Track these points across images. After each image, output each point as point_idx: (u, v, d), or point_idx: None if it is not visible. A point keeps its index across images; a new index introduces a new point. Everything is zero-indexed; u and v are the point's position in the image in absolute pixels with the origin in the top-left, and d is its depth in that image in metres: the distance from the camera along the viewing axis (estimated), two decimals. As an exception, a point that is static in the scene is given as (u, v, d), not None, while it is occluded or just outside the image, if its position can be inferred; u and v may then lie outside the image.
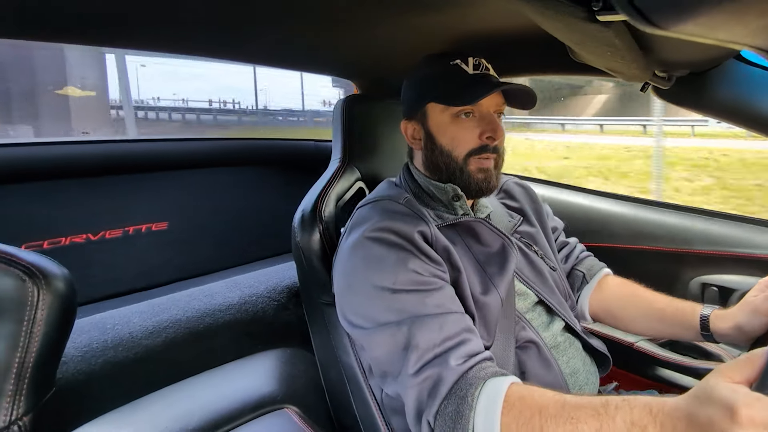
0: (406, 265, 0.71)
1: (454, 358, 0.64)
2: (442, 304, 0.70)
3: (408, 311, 0.68)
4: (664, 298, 0.94)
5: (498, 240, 0.85)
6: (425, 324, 0.67)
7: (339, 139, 1.06)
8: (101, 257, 1.29)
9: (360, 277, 0.74)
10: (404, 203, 0.82)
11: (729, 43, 0.39)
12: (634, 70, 0.73)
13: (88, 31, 0.86)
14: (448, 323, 0.68)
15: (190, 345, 1.09)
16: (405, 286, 0.70)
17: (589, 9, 0.43)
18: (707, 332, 0.85)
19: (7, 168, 1.16)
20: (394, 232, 0.75)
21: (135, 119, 9.97)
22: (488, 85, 0.80)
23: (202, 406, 0.91)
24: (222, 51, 1.10)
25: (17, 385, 0.60)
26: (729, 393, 0.44)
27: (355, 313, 0.75)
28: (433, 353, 0.65)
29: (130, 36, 0.91)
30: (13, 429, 0.61)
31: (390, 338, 0.68)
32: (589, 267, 1.05)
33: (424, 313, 0.68)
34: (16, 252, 0.61)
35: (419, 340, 0.66)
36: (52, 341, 0.63)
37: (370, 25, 0.92)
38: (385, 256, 0.73)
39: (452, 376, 0.63)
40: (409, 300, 0.69)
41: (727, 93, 0.83)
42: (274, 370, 1.07)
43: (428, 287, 0.71)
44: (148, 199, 1.42)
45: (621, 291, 1.00)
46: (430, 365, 0.65)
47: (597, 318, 1.03)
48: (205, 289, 1.27)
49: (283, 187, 1.76)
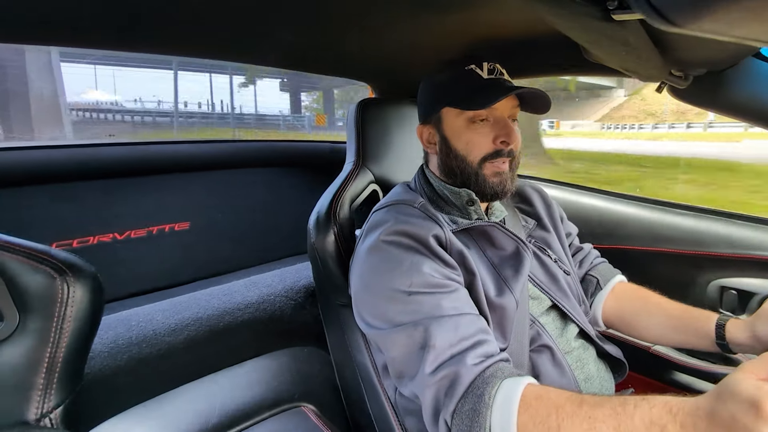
0: (420, 268, 0.72)
1: (470, 358, 0.64)
2: (458, 306, 0.70)
3: (424, 312, 0.69)
4: (679, 305, 0.92)
5: (512, 243, 0.85)
6: (441, 324, 0.67)
7: (353, 142, 1.07)
8: (127, 256, 1.32)
9: (376, 280, 0.75)
10: (419, 207, 0.83)
11: (747, 41, 0.38)
12: (650, 70, 0.73)
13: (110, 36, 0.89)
14: (464, 324, 0.68)
15: (210, 342, 1.12)
16: (420, 288, 0.70)
17: (605, 8, 0.43)
18: (723, 341, 0.83)
19: (39, 170, 1.20)
20: (409, 236, 0.76)
21: (70, 121, 11.64)
22: (502, 90, 0.80)
23: (222, 402, 0.93)
24: (235, 53, 1.13)
25: (48, 379, 0.62)
26: (753, 389, 0.44)
27: (371, 314, 0.76)
28: (450, 353, 0.65)
29: (145, 39, 0.94)
30: (45, 422, 0.63)
31: (407, 338, 0.69)
32: (603, 273, 1.04)
33: (440, 314, 0.68)
34: (48, 250, 0.63)
35: (436, 340, 0.66)
36: (81, 337, 0.65)
37: (386, 28, 0.93)
38: (401, 259, 0.74)
39: (469, 375, 0.63)
40: (425, 301, 0.70)
41: (746, 92, 0.81)
42: (291, 368, 1.08)
43: (443, 289, 0.71)
44: (171, 199, 1.45)
45: (635, 298, 0.99)
46: (447, 364, 0.65)
47: (610, 325, 1.02)
48: (225, 288, 1.29)
49: (300, 188, 1.78)
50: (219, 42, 1.00)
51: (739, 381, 0.46)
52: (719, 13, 0.30)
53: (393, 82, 1.39)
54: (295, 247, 1.74)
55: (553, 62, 1.14)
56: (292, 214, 1.66)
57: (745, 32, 0.36)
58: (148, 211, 1.38)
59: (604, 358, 0.91)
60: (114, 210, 1.31)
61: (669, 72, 0.80)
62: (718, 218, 1.23)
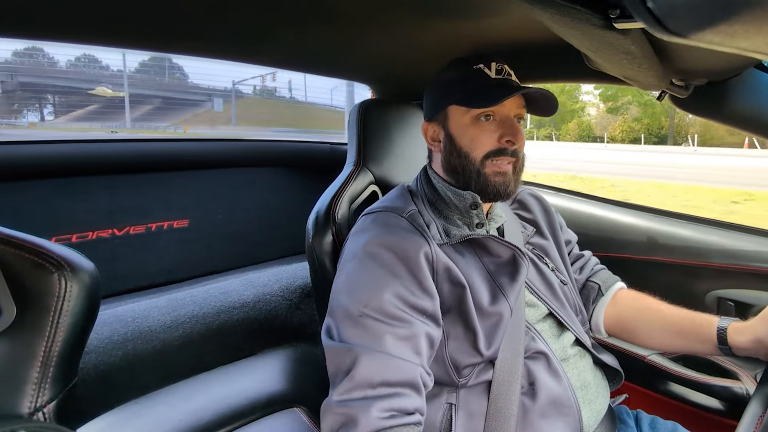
0: (383, 291, 0.71)
1: (377, 409, 0.63)
2: (399, 346, 0.69)
3: (363, 340, 0.68)
4: (680, 311, 0.92)
5: (509, 250, 0.85)
6: (372, 359, 0.66)
7: (354, 143, 1.07)
8: (125, 252, 1.32)
9: (342, 289, 0.75)
10: (407, 217, 0.82)
11: (750, 53, 0.38)
12: (650, 79, 0.73)
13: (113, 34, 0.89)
14: (393, 367, 0.67)
15: (205, 340, 1.11)
16: (373, 313, 0.70)
17: (606, 17, 0.43)
18: (725, 346, 0.82)
19: (41, 164, 1.20)
20: (392, 251, 0.75)
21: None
22: (510, 89, 0.80)
23: (216, 401, 0.93)
24: (241, 54, 1.13)
25: (42, 373, 0.62)
26: None
27: (329, 319, 0.75)
28: (363, 393, 0.65)
29: (147, 37, 0.94)
30: (38, 416, 0.63)
31: (337, 357, 0.69)
32: (604, 280, 1.03)
33: (376, 348, 0.67)
34: (47, 244, 0.63)
35: (357, 372, 0.65)
36: (77, 332, 0.65)
37: (389, 31, 0.94)
38: (371, 276, 0.73)
39: (366, 427, 0.62)
40: (370, 328, 0.69)
41: (747, 103, 0.82)
42: (285, 369, 1.08)
43: (395, 322, 0.70)
44: (171, 197, 1.45)
45: (635, 305, 0.98)
46: (353, 403, 0.64)
47: (611, 332, 1.01)
48: (222, 287, 1.29)
49: (300, 188, 1.78)
50: (221, 42, 1.00)
51: None
52: (722, 25, 0.30)
53: (395, 85, 1.39)
54: (293, 247, 1.74)
55: (556, 69, 1.14)
56: (292, 214, 1.66)
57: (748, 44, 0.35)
58: (148, 207, 1.38)
59: (600, 366, 0.91)
60: (114, 206, 1.31)
61: (670, 81, 0.80)
62: (716, 229, 1.23)
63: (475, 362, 0.77)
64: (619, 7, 0.42)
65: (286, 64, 1.26)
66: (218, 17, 0.85)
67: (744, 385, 1.03)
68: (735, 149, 21.99)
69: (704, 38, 0.33)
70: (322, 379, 1.05)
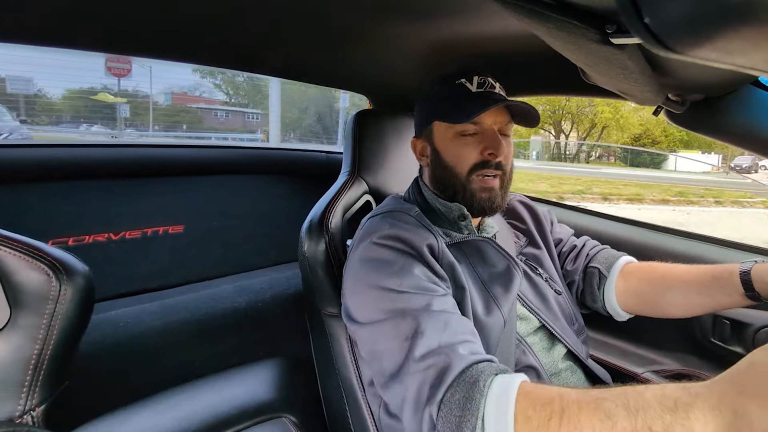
0: (411, 270, 0.72)
1: (463, 349, 0.61)
2: (447, 308, 0.69)
3: (414, 306, 0.67)
4: (696, 268, 0.88)
5: (503, 261, 0.85)
6: (432, 317, 0.66)
7: (349, 152, 1.08)
8: (120, 256, 1.31)
9: (367, 278, 0.74)
10: (415, 216, 0.83)
11: (746, 69, 0.38)
12: (646, 94, 0.73)
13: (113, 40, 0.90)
14: (454, 322, 0.67)
15: (196, 347, 1.11)
16: (410, 288, 0.70)
17: (603, 32, 0.43)
18: (752, 292, 0.78)
19: (40, 167, 1.20)
20: (402, 241, 0.76)
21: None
22: (488, 102, 0.81)
23: (204, 409, 0.92)
24: (234, 62, 1.14)
25: (33, 377, 0.62)
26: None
27: (360, 309, 0.74)
28: (439, 342, 0.62)
29: (146, 45, 0.95)
30: (26, 419, 0.62)
31: (394, 329, 0.66)
32: (605, 260, 0.99)
33: (430, 309, 0.67)
34: (43, 247, 0.63)
35: (425, 329, 0.64)
36: (70, 335, 0.65)
37: (386, 41, 0.94)
38: (393, 261, 0.73)
39: (461, 363, 0.59)
40: (414, 299, 0.68)
41: (743, 119, 0.82)
42: (275, 377, 1.07)
43: (433, 292, 0.70)
44: (167, 202, 1.44)
45: (648, 275, 0.93)
46: (437, 352, 0.61)
47: (631, 310, 0.95)
48: (214, 293, 1.28)
49: (295, 196, 1.78)
50: (218, 50, 1.01)
51: (761, 352, 0.45)
52: (719, 41, 0.30)
53: (390, 95, 1.40)
54: (287, 255, 1.74)
55: (551, 82, 1.16)
56: (286, 222, 1.66)
57: (744, 60, 0.36)
58: (144, 212, 1.38)
59: (591, 381, 0.90)
60: (111, 210, 1.31)
61: (666, 96, 0.81)
62: (712, 245, 1.22)
63: None
64: (616, 22, 0.42)
65: (283, 74, 1.27)
66: (217, 26, 0.85)
67: None
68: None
69: (701, 54, 0.34)
70: (311, 388, 1.05)
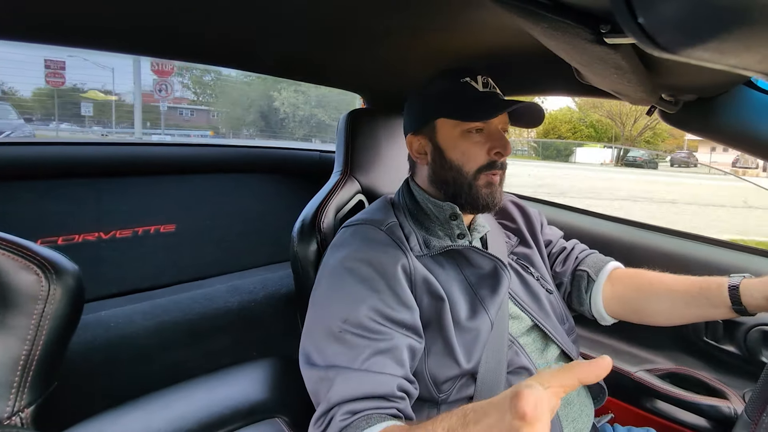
0: (361, 306, 0.71)
1: (341, 414, 0.65)
2: (380, 361, 0.69)
3: (344, 356, 0.69)
4: (684, 278, 0.88)
5: (489, 262, 0.85)
6: (347, 379, 0.67)
7: (342, 151, 1.07)
8: (110, 256, 1.30)
9: (319, 303, 0.76)
10: (386, 230, 0.82)
11: (739, 70, 0.38)
12: (640, 93, 0.73)
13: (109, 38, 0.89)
14: (370, 383, 0.67)
15: (188, 347, 1.10)
16: (351, 328, 0.70)
17: (597, 31, 0.43)
18: (740, 306, 0.79)
19: (28, 166, 1.18)
20: (371, 264, 0.75)
21: None
22: (499, 103, 0.80)
23: (197, 410, 0.92)
24: (227, 59, 1.13)
25: (22, 377, 0.61)
26: (511, 390, 0.45)
27: (311, 345, 0.75)
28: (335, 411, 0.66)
29: (145, 43, 0.94)
30: (15, 420, 0.61)
31: (315, 384, 0.70)
32: (593, 264, 0.99)
33: (354, 366, 0.68)
34: (33, 247, 0.62)
35: (332, 395, 0.66)
36: (59, 336, 0.64)
37: (380, 40, 0.94)
38: (350, 291, 0.73)
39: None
40: (350, 343, 0.69)
41: (735, 119, 0.82)
42: (268, 378, 1.07)
43: (376, 336, 0.70)
44: (158, 201, 1.43)
45: (636, 282, 0.94)
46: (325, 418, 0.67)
47: (617, 316, 0.96)
48: (207, 293, 1.28)
49: (287, 195, 1.77)
50: (211, 47, 1.01)
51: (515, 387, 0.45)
52: (712, 42, 0.30)
53: (384, 94, 1.40)
54: (279, 254, 1.73)
55: (545, 82, 1.16)
56: (279, 221, 1.65)
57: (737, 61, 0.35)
58: (135, 211, 1.37)
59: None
60: (101, 209, 1.30)
61: (660, 96, 0.81)
62: (703, 244, 1.23)
63: (455, 375, 0.76)
64: (609, 22, 0.42)
65: (276, 72, 1.26)
66: (213, 24, 0.85)
67: (732, 405, 1.02)
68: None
69: (694, 54, 0.33)
70: (304, 388, 1.05)
